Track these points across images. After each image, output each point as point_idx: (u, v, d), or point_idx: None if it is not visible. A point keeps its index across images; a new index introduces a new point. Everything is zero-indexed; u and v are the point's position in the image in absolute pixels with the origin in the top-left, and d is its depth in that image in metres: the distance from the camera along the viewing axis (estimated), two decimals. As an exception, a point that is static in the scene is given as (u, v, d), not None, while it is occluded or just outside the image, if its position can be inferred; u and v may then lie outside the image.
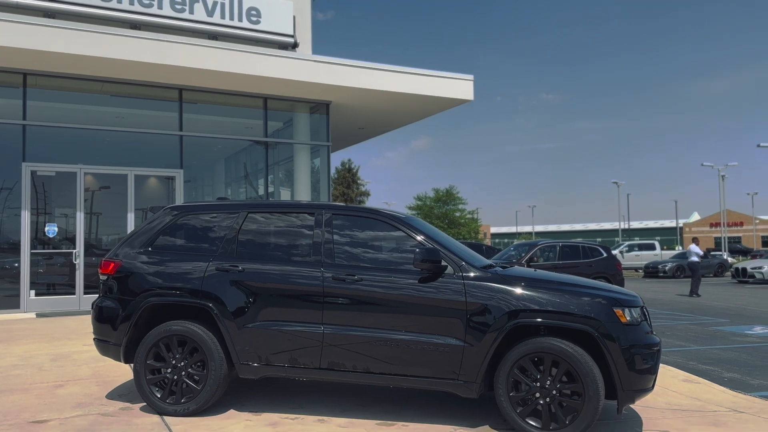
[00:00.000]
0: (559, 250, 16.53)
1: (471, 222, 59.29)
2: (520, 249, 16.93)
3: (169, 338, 5.05)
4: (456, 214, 57.99)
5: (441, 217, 56.69)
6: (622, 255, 34.92)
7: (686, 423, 5.17)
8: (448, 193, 58.26)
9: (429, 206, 57.59)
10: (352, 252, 5.09)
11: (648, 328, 4.80)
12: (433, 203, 58.03)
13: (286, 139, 15.19)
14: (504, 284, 4.73)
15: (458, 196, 58.36)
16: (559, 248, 16.57)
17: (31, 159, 12.07)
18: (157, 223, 5.44)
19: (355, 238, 5.14)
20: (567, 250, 16.63)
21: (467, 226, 57.59)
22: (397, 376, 4.81)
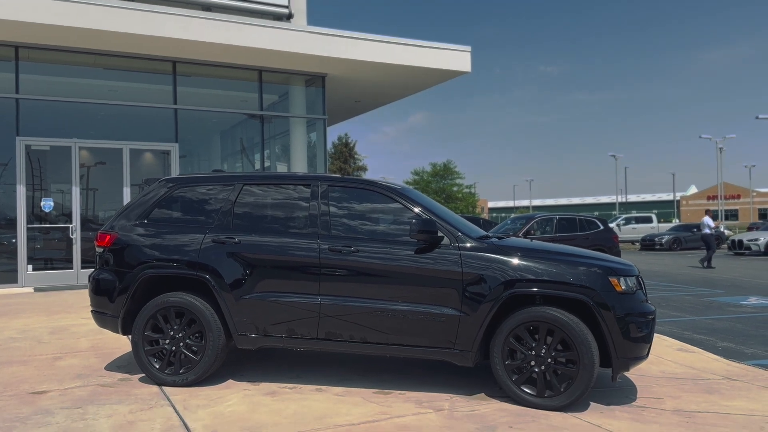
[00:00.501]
0: (556, 222, 16.56)
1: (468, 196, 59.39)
2: (517, 222, 16.95)
3: (167, 310, 5.06)
4: (453, 189, 58.04)
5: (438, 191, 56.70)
6: (619, 228, 35.04)
7: (680, 390, 5.23)
8: (445, 167, 58.23)
9: (426, 181, 57.58)
10: (348, 223, 5.08)
11: (643, 297, 4.83)
12: (431, 178, 58.01)
13: (282, 112, 15.09)
14: (499, 254, 4.74)
15: (455, 170, 58.38)
16: (556, 221, 16.60)
17: (25, 133, 11.99)
18: (153, 196, 5.42)
19: (351, 210, 5.14)
20: (564, 222, 16.66)
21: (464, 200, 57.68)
22: (394, 346, 4.84)
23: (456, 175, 58.38)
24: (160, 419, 4.25)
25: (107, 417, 4.29)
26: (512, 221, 17.31)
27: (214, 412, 4.41)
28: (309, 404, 4.62)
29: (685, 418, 4.47)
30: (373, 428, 4.12)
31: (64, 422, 4.18)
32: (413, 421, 4.27)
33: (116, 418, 4.26)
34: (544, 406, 4.54)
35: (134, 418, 4.28)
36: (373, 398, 4.78)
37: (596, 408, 4.65)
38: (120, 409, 4.47)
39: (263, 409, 4.48)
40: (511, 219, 17.87)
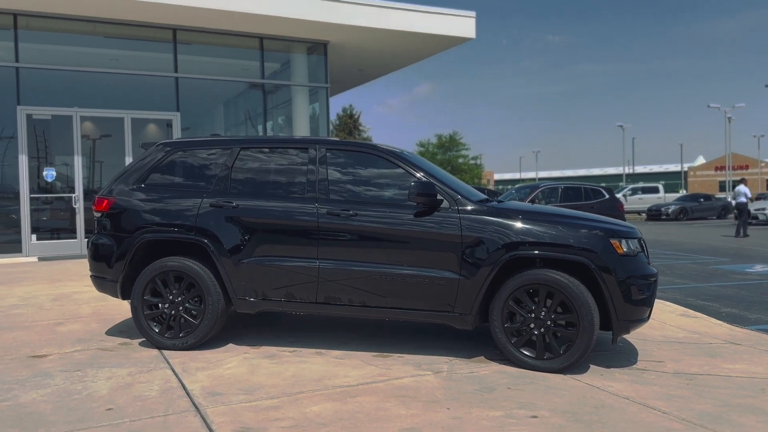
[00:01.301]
0: (561, 192, 16.45)
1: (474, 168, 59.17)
2: (521, 192, 16.85)
3: (166, 274, 5.04)
4: (459, 160, 57.78)
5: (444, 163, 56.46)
6: (626, 198, 34.86)
7: (681, 354, 5.20)
8: (451, 139, 57.93)
9: (432, 152, 57.31)
10: (347, 187, 5.02)
11: (645, 259, 4.77)
12: (436, 149, 57.75)
13: (284, 80, 14.93)
14: (499, 217, 4.68)
15: (461, 141, 58.08)
16: (561, 190, 16.49)
17: (26, 102, 11.92)
18: (150, 160, 5.37)
19: (350, 174, 5.07)
20: (569, 191, 16.54)
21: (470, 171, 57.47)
22: (393, 310, 4.82)
23: (461, 147, 58.12)
24: (158, 381, 4.26)
25: (106, 379, 4.30)
26: (517, 191, 17.21)
27: (212, 374, 4.41)
28: (308, 367, 4.61)
29: (685, 380, 4.45)
30: (370, 389, 4.11)
31: (63, 384, 4.19)
32: (411, 382, 4.26)
33: (115, 380, 4.27)
34: (544, 369, 4.52)
35: (133, 380, 4.29)
36: (373, 361, 4.78)
37: (596, 370, 4.63)
38: (119, 371, 4.48)
39: (262, 372, 4.49)
40: (516, 188, 17.77)
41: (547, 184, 16.85)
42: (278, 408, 3.75)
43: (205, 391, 4.04)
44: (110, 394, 3.99)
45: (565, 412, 3.73)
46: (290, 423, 3.51)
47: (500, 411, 3.74)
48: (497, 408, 3.79)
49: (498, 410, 3.75)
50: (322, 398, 3.93)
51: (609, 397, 4.01)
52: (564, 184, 16.95)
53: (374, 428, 3.44)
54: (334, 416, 3.61)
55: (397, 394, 4.02)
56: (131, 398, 3.91)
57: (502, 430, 3.45)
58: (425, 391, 4.07)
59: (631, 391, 4.16)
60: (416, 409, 3.75)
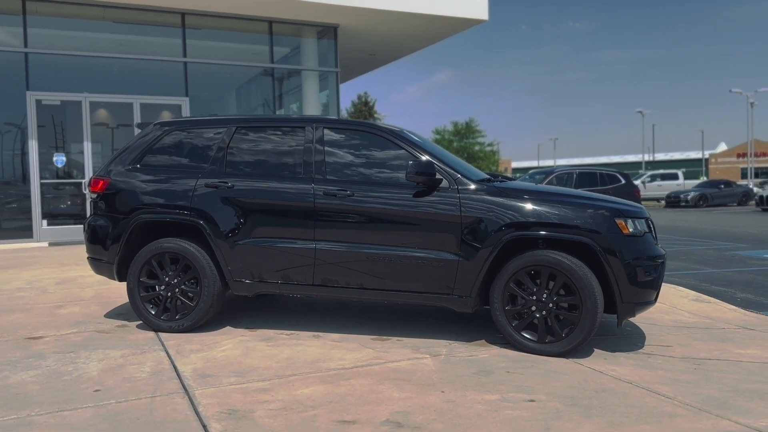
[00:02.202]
0: (576, 177, 16.19)
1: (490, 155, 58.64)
2: (536, 177, 16.62)
3: (161, 256, 4.97)
4: (475, 148, 57.31)
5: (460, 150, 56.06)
6: (644, 185, 34.33)
7: (691, 338, 5.04)
8: (467, 126, 57.47)
9: (448, 140, 56.91)
10: (344, 166, 4.90)
11: (652, 240, 4.61)
12: (452, 137, 57.31)
13: (294, 65, 14.80)
14: (500, 197, 4.53)
15: (477, 129, 57.59)
16: (576, 175, 16.23)
17: (35, 88, 11.93)
18: (146, 140, 5.28)
19: (348, 153, 4.94)
20: (584, 177, 16.28)
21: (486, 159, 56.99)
22: (391, 292, 4.71)
23: (478, 134, 57.62)
24: (150, 363, 4.19)
25: (98, 361, 4.24)
26: (530, 176, 16.97)
27: (206, 357, 4.34)
28: (303, 349, 4.52)
29: (693, 364, 4.29)
30: (365, 372, 4.01)
31: (54, 365, 4.14)
32: (408, 365, 4.15)
33: (107, 362, 4.21)
34: (545, 352, 4.39)
35: (125, 361, 4.23)
36: (370, 344, 4.67)
37: (600, 354, 4.48)
38: (112, 353, 4.43)
39: (256, 354, 4.40)
40: (530, 174, 17.53)
41: (562, 169, 16.60)
42: (268, 390, 3.66)
43: (196, 373, 3.97)
44: (100, 375, 3.93)
45: (564, 396, 3.59)
46: (279, 405, 3.42)
47: (496, 394, 3.61)
48: (493, 391, 3.66)
49: (494, 394, 3.63)
50: (314, 381, 3.83)
51: (611, 381, 3.87)
52: (579, 169, 16.69)
53: (364, 411, 3.34)
54: (324, 399, 3.52)
55: (392, 377, 3.91)
56: (121, 380, 3.84)
57: (496, 413, 3.33)
58: (421, 374, 3.96)
59: (635, 375, 4.01)
60: (410, 392, 3.64)
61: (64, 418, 3.23)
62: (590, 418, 3.27)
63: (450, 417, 3.27)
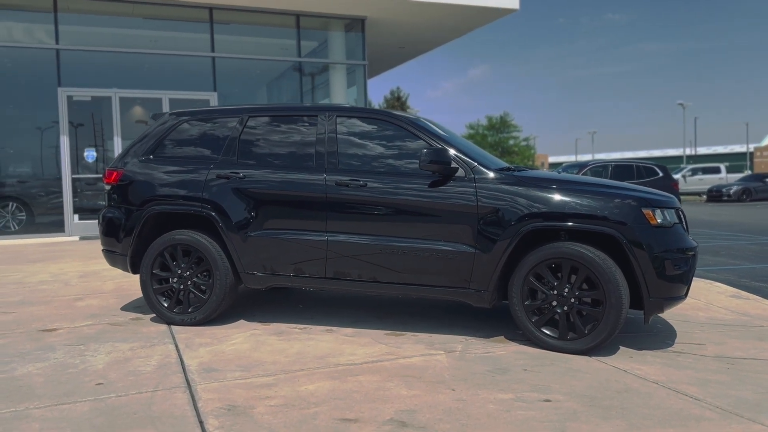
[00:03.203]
0: (611, 170, 15.77)
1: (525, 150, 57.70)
2: (569, 170, 16.23)
3: (174, 248, 4.90)
4: (510, 142, 56.52)
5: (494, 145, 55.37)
6: (685, 179, 33.33)
7: (726, 336, 4.74)
8: (501, 120, 56.67)
9: (482, 134, 56.24)
10: (357, 156, 4.74)
11: (682, 231, 4.34)
12: (486, 131, 56.61)
13: (321, 58, 14.70)
14: (519, 186, 4.32)
15: (512, 123, 56.75)
16: (612, 168, 15.80)
17: (67, 84, 12.08)
18: (159, 130, 5.22)
19: (361, 142, 4.79)
20: (620, 170, 15.85)
21: (521, 153, 56.14)
22: (405, 285, 4.54)
23: (513, 128, 56.77)
24: (157, 356, 4.11)
25: (106, 353, 4.18)
26: (564, 169, 16.58)
27: (214, 350, 4.24)
28: (314, 344, 4.39)
29: (726, 364, 4.02)
30: (374, 368, 3.85)
31: (62, 358, 4.09)
32: (420, 362, 3.98)
33: (114, 355, 4.15)
34: (567, 350, 4.16)
35: (132, 354, 4.16)
36: (384, 339, 4.52)
37: (625, 352, 4.24)
38: (121, 346, 4.37)
39: (266, 348, 4.29)
40: (563, 167, 17.13)
41: (596, 162, 16.18)
42: (272, 386, 3.53)
43: (201, 367, 3.87)
44: (105, 368, 3.86)
45: (582, 396, 3.38)
46: (280, 401, 3.29)
47: (510, 394, 3.42)
48: (507, 390, 3.47)
49: (508, 393, 3.43)
50: (321, 376, 3.69)
51: (635, 381, 3.64)
52: (614, 162, 16.24)
53: (368, 409, 3.19)
54: (328, 395, 3.37)
55: (402, 373, 3.75)
56: (125, 373, 3.77)
57: (508, 414, 3.13)
58: (433, 371, 3.79)
59: (661, 374, 3.77)
60: (419, 389, 3.47)
61: (61, 412, 3.16)
62: (609, 420, 3.06)
63: (458, 417, 3.09)
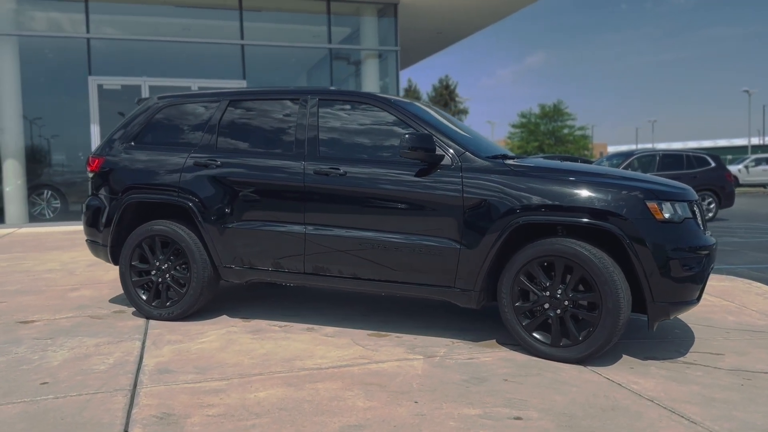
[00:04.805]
0: (658, 160, 14.86)
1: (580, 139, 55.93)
2: (614, 159, 15.43)
3: (152, 239, 4.68)
4: (564, 131, 54.91)
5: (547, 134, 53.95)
6: (747, 170, 31.53)
7: (752, 345, 4.21)
8: (555, 108, 55.08)
9: (534, 123, 54.87)
10: (339, 142, 4.41)
11: (696, 228, 3.83)
12: (539, 120, 55.17)
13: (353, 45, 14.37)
14: (509, 175, 3.90)
15: (566, 111, 55.09)
16: (659, 158, 14.89)
17: (97, 73, 12.16)
18: (141, 116, 5.01)
19: (343, 127, 4.45)
20: (668, 160, 14.92)
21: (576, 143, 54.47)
22: (387, 283, 4.19)
23: (567, 116, 55.12)
24: (119, 353, 3.90)
25: (69, 349, 4.00)
26: (608, 158, 15.79)
27: (179, 349, 4.00)
28: (287, 344, 4.10)
29: (741, 379, 3.52)
30: (339, 373, 3.53)
31: (23, 353, 3.93)
32: (392, 367, 3.64)
33: (77, 351, 3.96)
34: (559, 358, 3.74)
35: (95, 351, 3.96)
36: (364, 341, 4.19)
37: (627, 362, 3.79)
38: (88, 341, 4.18)
39: (234, 348, 4.02)
40: (607, 157, 16.32)
41: (643, 151, 15.32)
42: (221, 392, 3.25)
43: (157, 368, 3.63)
44: (59, 366, 3.67)
45: (560, 414, 2.97)
46: (220, 410, 3.00)
47: (478, 408, 3.04)
48: (477, 404, 3.09)
49: (476, 407, 3.06)
50: (277, 382, 3.40)
51: (628, 398, 3.20)
52: (662, 151, 15.33)
53: (312, 423, 2.87)
54: (276, 405, 3.07)
55: (367, 381, 3.41)
56: (77, 371, 3.56)
57: (466, 434, 2.76)
58: (401, 380, 3.44)
59: (660, 390, 3.31)
60: (378, 401, 3.13)
61: (-12, 415, 2.96)
62: (580, 446, 2.65)
63: (407, 435, 2.74)
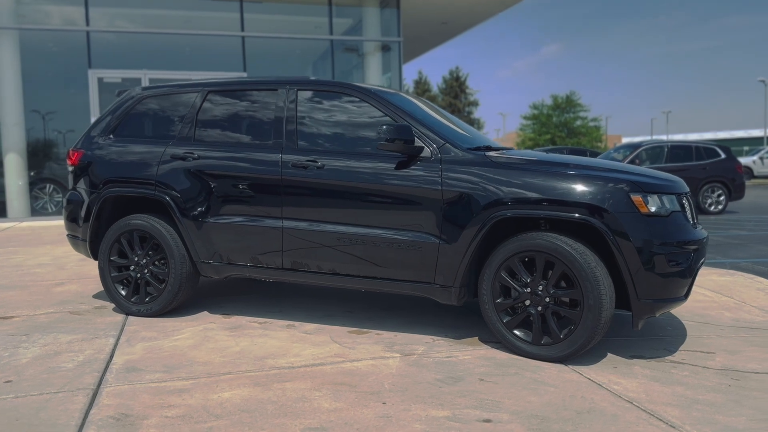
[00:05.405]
0: (667, 151, 14.62)
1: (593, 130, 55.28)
2: (621, 151, 15.19)
3: (130, 234, 4.60)
4: (576, 123, 54.31)
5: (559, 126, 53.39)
6: (762, 161, 31.04)
7: (747, 344, 4.05)
8: (567, 99, 54.48)
9: (546, 114, 54.30)
10: (318, 134, 4.29)
11: (684, 221, 3.67)
12: (551, 111, 54.58)
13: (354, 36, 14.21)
14: (490, 168, 3.76)
15: (579, 102, 54.46)
16: (668, 149, 14.64)
17: (97, 66, 12.11)
18: (120, 108, 4.92)
19: (323, 118, 4.32)
20: (677, 151, 14.66)
21: (589, 134, 53.86)
22: (366, 279, 4.07)
23: (579, 108, 54.51)
24: (90, 351, 3.82)
25: (41, 346, 3.92)
26: (615, 150, 15.54)
27: (152, 346, 3.91)
28: (263, 342, 4.00)
29: (729, 380, 3.37)
30: (311, 372, 3.42)
31: (-6, 350, 3.86)
32: (366, 366, 3.53)
33: (49, 348, 3.88)
34: (540, 356, 3.61)
35: (67, 348, 3.88)
36: (342, 338, 4.08)
37: (612, 361, 3.65)
38: (63, 338, 4.10)
39: (208, 346, 3.93)
40: (614, 148, 16.07)
41: (652, 142, 15.05)
42: (185, 392, 3.16)
43: (125, 367, 3.54)
44: (28, 363, 3.60)
45: (532, 417, 2.85)
46: (180, 412, 2.91)
47: (447, 410, 2.92)
48: (447, 406, 2.97)
49: (445, 409, 2.94)
50: (245, 382, 3.30)
51: (606, 399, 3.07)
52: (671, 142, 15.06)
53: (273, 425, 2.77)
54: (239, 406, 2.97)
55: (338, 380, 3.31)
56: (44, 369, 3.49)
57: (430, 437, 2.64)
58: (374, 379, 3.33)
59: (642, 391, 3.18)
60: (345, 402, 3.02)
61: (-57, 415, 2.89)
62: (547, 451, 2.52)
63: (367, 439, 2.63)
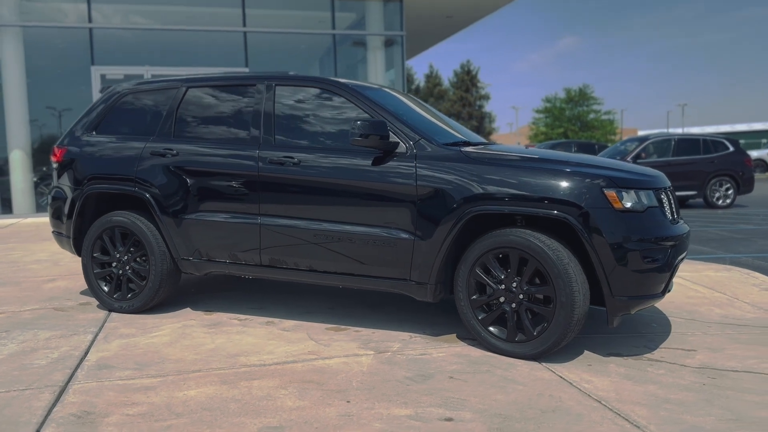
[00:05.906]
0: (674, 144, 14.44)
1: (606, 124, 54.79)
2: (629, 144, 15.02)
3: (112, 230, 4.61)
4: (590, 116, 53.84)
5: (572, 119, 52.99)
6: (777, 154, 30.64)
7: (731, 341, 3.97)
8: (580, 92, 54.03)
9: (559, 108, 53.90)
10: (295, 130, 4.27)
11: (661, 217, 3.61)
12: (564, 104, 54.16)
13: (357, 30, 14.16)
14: (464, 163, 3.72)
15: (592, 95, 54.00)
16: (675, 142, 14.46)
17: (100, 62, 12.18)
18: (102, 104, 4.92)
19: (300, 114, 4.30)
20: (685, 144, 14.49)
21: (602, 128, 53.39)
22: (343, 276, 4.05)
23: (593, 101, 54.03)
24: (66, 348, 3.83)
25: (19, 343, 3.94)
26: (622, 143, 15.38)
27: (128, 343, 3.92)
28: (239, 339, 3.99)
29: (706, 378, 3.31)
30: (280, 370, 3.41)
31: (-29, 347, 3.89)
32: (338, 364, 3.50)
33: (26, 344, 3.91)
34: (514, 353, 3.57)
35: (44, 345, 3.90)
36: (319, 335, 4.06)
37: (587, 358, 3.60)
38: (42, 334, 4.12)
39: (184, 343, 3.93)
40: (621, 141, 15.89)
41: (659, 135, 14.86)
42: (150, 389, 3.16)
43: (98, 364, 3.55)
44: (2, 360, 3.62)
45: (495, 416, 2.81)
46: (142, 410, 2.90)
47: (410, 409, 2.89)
48: (411, 404, 2.94)
49: (409, 407, 2.91)
50: (213, 379, 3.29)
51: (574, 397, 3.02)
52: (678, 135, 14.88)
53: (232, 424, 2.75)
54: (202, 404, 2.96)
55: (307, 378, 3.29)
56: (16, 366, 3.51)
57: (387, 437, 2.62)
58: (343, 377, 3.30)
59: (612, 390, 3.12)
60: (309, 400, 3.00)
61: None
62: (502, 452, 2.48)
63: (323, 439, 2.60)
